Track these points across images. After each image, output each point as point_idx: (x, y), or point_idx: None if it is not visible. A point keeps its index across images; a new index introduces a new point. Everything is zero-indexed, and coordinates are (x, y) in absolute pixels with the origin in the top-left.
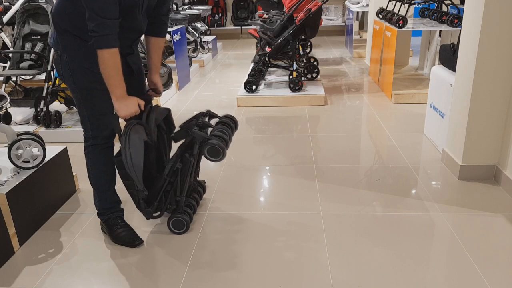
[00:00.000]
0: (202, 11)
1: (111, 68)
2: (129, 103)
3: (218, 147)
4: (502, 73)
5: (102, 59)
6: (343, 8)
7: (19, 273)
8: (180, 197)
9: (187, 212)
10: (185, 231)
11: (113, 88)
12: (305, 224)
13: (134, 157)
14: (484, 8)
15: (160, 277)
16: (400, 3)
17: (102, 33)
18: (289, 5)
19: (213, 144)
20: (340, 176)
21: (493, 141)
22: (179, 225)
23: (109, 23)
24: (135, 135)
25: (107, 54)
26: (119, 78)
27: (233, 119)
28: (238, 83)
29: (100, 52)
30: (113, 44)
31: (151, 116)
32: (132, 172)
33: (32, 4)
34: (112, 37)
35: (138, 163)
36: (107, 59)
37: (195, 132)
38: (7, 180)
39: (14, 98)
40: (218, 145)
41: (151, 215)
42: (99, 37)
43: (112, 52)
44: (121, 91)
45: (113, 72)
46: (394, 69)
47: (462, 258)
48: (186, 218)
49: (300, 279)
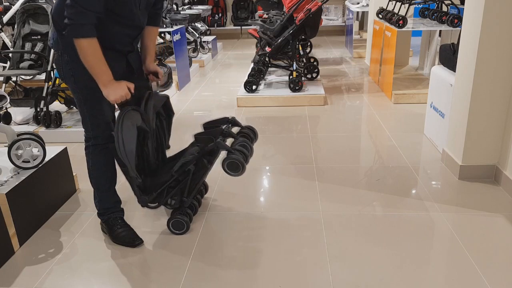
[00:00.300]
0: (202, 11)
1: (91, 56)
2: (117, 87)
3: (238, 162)
4: (502, 73)
5: (80, 48)
6: (343, 8)
7: (19, 273)
8: (187, 199)
9: (187, 213)
10: (185, 232)
11: (98, 76)
12: (305, 224)
13: (126, 143)
14: (484, 8)
15: (160, 277)
16: (400, 3)
17: (79, 22)
18: (289, 5)
19: (234, 159)
20: (340, 176)
21: (493, 141)
22: (179, 226)
23: (88, 14)
24: (128, 121)
25: (85, 43)
26: (101, 65)
27: (254, 130)
28: (238, 83)
29: (78, 42)
30: (89, 34)
31: (149, 103)
32: (124, 158)
33: (32, 4)
34: (88, 27)
35: (130, 149)
36: (85, 47)
37: (220, 143)
38: (7, 180)
39: (14, 98)
40: (238, 160)
41: (146, 203)
42: (75, 25)
43: (89, 41)
44: (106, 77)
45: (94, 60)
46: (394, 69)
47: (462, 258)
48: (186, 219)
49: (300, 279)
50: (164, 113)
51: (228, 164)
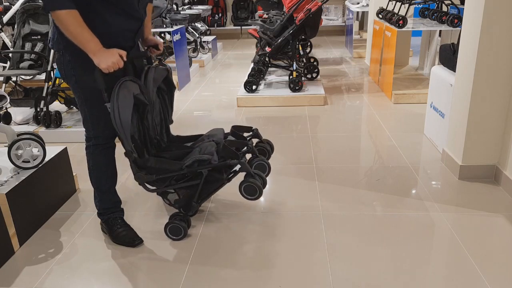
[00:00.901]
0: (202, 11)
1: (72, 26)
2: (108, 54)
3: (256, 187)
4: (502, 73)
5: (60, 20)
6: (343, 8)
7: (19, 273)
8: (196, 203)
9: (186, 219)
10: (182, 238)
11: (85, 44)
12: (305, 224)
13: (122, 112)
14: (484, 8)
15: (160, 277)
16: (400, 3)
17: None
18: (289, 5)
19: (252, 183)
20: (340, 176)
21: (493, 141)
22: (176, 232)
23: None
24: (124, 90)
25: (64, 15)
26: (86, 33)
27: (271, 145)
28: (238, 83)
29: (56, 14)
30: (67, 5)
31: (149, 76)
32: (119, 129)
33: (32, 4)
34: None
35: (126, 119)
36: (65, 19)
37: (244, 164)
38: (7, 180)
39: (14, 98)
40: (256, 185)
41: (143, 182)
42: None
43: (68, 12)
44: (94, 44)
45: (77, 30)
46: (394, 69)
47: (462, 258)
48: (184, 225)
49: (300, 279)
50: (166, 87)
51: (245, 187)
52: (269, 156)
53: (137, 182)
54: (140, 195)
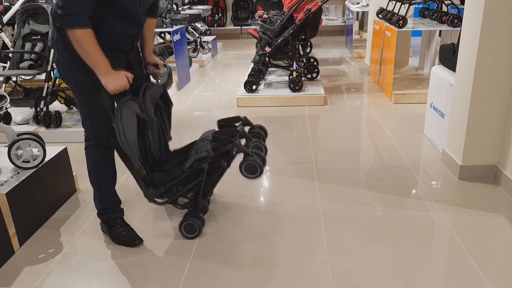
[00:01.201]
0: (202, 11)
1: (87, 46)
2: (116, 76)
3: (257, 165)
4: (502, 73)
5: (76, 39)
6: (343, 8)
7: (19, 273)
8: (202, 199)
9: (200, 216)
10: (197, 236)
11: (96, 65)
12: (305, 224)
13: (127, 132)
14: (484, 8)
15: (160, 277)
16: (400, 3)
17: (73, 12)
18: (289, 5)
19: (252, 161)
20: (340, 176)
21: (493, 141)
22: (191, 229)
23: (82, 3)
24: (127, 109)
25: (79, 34)
26: (98, 54)
27: (264, 129)
28: (238, 83)
29: (73, 33)
30: (85, 24)
31: (146, 94)
32: (127, 149)
33: (32, 4)
34: (83, 18)
35: (132, 139)
36: (81, 38)
37: (239, 145)
38: (7, 180)
39: (14, 98)
40: (256, 162)
41: (153, 198)
42: (71, 16)
43: (85, 31)
44: (105, 66)
45: (91, 50)
46: (394, 69)
47: (462, 258)
48: (198, 223)
49: (300, 279)
50: (163, 104)
51: (245, 166)
52: (264, 139)
53: (147, 199)
54: (140, 195)
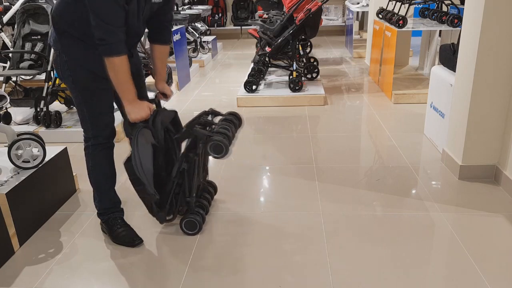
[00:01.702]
0: (202, 11)
1: (121, 74)
2: (140, 106)
3: (222, 144)
4: (502, 73)
5: (112, 66)
6: (343, 8)
7: (19, 273)
8: (190, 198)
9: (199, 212)
10: (198, 232)
11: (125, 93)
12: (305, 224)
13: (143, 161)
14: (484, 8)
15: (160, 277)
16: (400, 3)
17: (112, 41)
18: (289, 5)
19: (216, 140)
20: (340, 176)
21: (493, 141)
22: (191, 226)
23: (116, 30)
24: (142, 138)
25: (117, 61)
26: (130, 83)
27: (237, 115)
28: (238, 83)
29: (110, 60)
30: (122, 51)
31: (157, 119)
32: (142, 176)
33: (32, 4)
34: (119, 45)
35: (148, 167)
36: (118, 65)
37: (197, 130)
38: (7, 180)
39: (14, 98)
40: (221, 142)
41: (165, 219)
42: (109, 45)
43: (122, 59)
44: (132, 95)
45: (124, 78)
46: (394, 69)
47: (462, 258)
48: (198, 219)
49: (300, 279)
50: (173, 128)
51: (211, 146)
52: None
53: (159, 222)
54: None
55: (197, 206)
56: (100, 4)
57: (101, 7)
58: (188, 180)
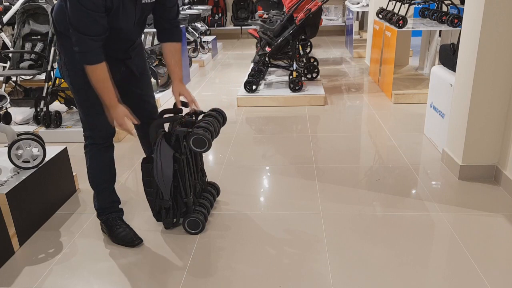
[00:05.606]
0: (202, 11)
1: (96, 81)
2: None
3: (203, 137)
4: (502, 73)
5: (89, 73)
6: (343, 8)
7: (19, 273)
8: (186, 199)
9: (201, 212)
10: (200, 231)
11: (104, 99)
12: (305, 224)
13: (165, 167)
14: (484, 8)
15: (160, 277)
16: (400, 3)
17: (84, 50)
18: (289, 5)
19: (197, 134)
20: (340, 176)
21: (493, 141)
22: (194, 225)
23: (88, 41)
24: (164, 145)
25: (90, 70)
26: (107, 90)
27: (221, 112)
28: (238, 83)
29: (86, 68)
30: (93, 61)
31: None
32: (161, 182)
33: (32, 4)
34: (91, 55)
35: (168, 174)
36: (91, 74)
37: (176, 129)
38: (7, 180)
39: (14, 98)
40: (202, 135)
41: (171, 224)
42: (83, 53)
43: (93, 68)
44: (110, 101)
45: (99, 85)
46: (394, 69)
47: (462, 258)
48: (201, 218)
49: (300, 279)
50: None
51: (193, 141)
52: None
53: (166, 227)
54: (140, 195)
55: (197, 205)
56: (73, 14)
57: (73, 16)
58: (180, 181)
